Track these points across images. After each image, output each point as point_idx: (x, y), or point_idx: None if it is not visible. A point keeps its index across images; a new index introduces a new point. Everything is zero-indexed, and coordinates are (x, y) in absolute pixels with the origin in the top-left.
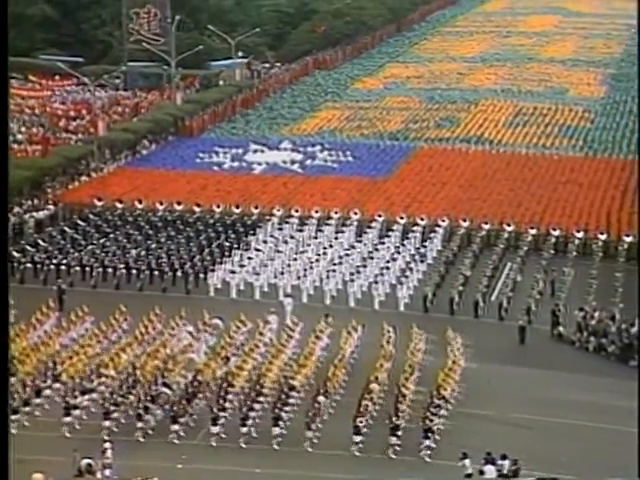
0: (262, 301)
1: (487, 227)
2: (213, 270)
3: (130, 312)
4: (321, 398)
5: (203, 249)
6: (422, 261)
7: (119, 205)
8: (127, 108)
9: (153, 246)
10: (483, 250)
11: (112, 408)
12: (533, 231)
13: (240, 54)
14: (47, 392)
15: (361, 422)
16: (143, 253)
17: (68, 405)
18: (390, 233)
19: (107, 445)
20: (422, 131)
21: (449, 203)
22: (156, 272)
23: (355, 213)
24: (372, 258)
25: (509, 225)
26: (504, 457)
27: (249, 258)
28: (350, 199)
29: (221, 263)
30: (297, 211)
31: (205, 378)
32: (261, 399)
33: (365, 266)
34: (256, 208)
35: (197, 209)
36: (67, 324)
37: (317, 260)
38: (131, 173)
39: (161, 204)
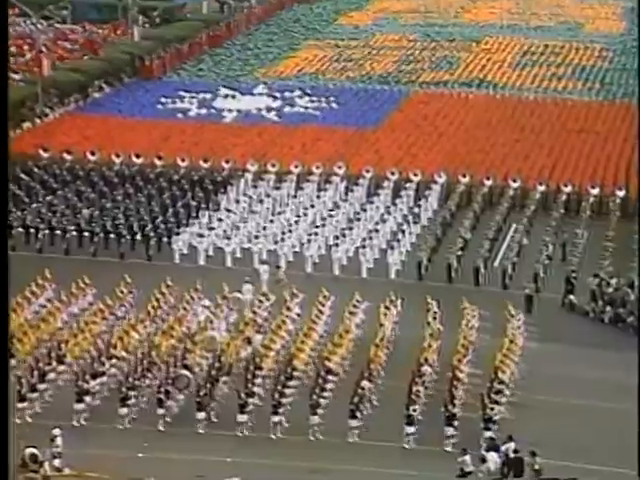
0: (234, 269)
1: (489, 183)
2: (178, 233)
3: (81, 281)
4: (365, 383)
5: (166, 209)
6: (416, 222)
7: (68, 157)
8: (76, 44)
9: (108, 205)
10: (485, 210)
11: (130, 393)
12: (542, 187)
13: None
14: (51, 375)
15: (414, 410)
16: (97, 213)
17: (81, 390)
18: (379, 191)
19: (56, 432)
20: (416, 74)
21: (446, 156)
22: (112, 235)
23: (340, 168)
24: (359, 219)
25: (514, 181)
26: (510, 438)
27: (219, 220)
28: (334, 152)
29: (187, 225)
30: (274, 166)
31: (229, 359)
32: (292, 383)
33: (351, 228)
34: (227, 162)
35: (159, 163)
36: (67, 297)
37: (297, 222)
38: (82, 120)
39: (117, 157)
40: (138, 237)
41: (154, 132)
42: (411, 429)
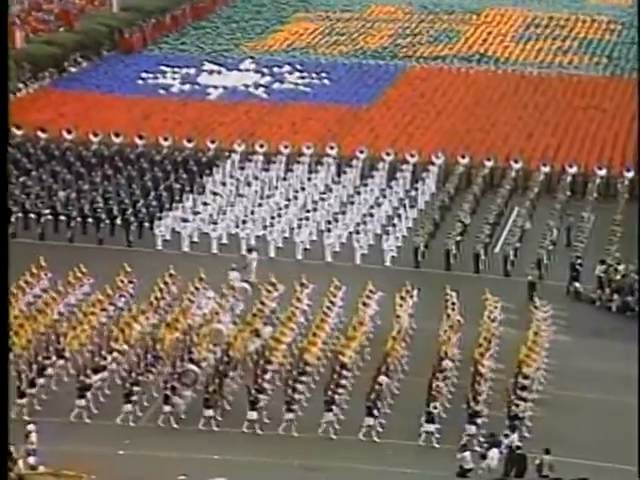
0: (220, 255)
1: (490, 164)
2: (160, 218)
3: (57, 268)
4: (383, 378)
5: (148, 192)
6: (412, 206)
7: (43, 135)
8: (51, 15)
9: (86, 187)
10: (485, 192)
11: (134, 389)
12: (546, 168)
13: None
14: (50, 370)
15: (435, 407)
16: (74, 196)
17: (83, 385)
18: (374, 173)
19: (31, 427)
20: (413, 48)
21: (445, 136)
22: (90, 220)
23: (332, 148)
24: (352, 203)
25: (517, 162)
26: (512, 430)
27: (204, 204)
28: (326, 131)
29: (170, 209)
30: (262, 146)
31: (237, 353)
32: (304, 379)
33: (344, 213)
34: (212, 142)
35: (140, 142)
36: (64, 287)
37: (287, 206)
38: (57, 96)
39: (95, 135)
40: (118, 222)
41: (134, 109)
42: (431, 427)
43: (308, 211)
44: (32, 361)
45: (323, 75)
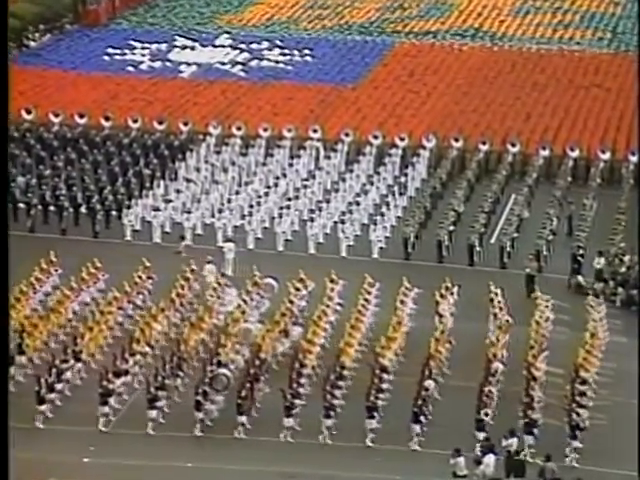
0: (195, 247)
1: (485, 148)
2: (129, 206)
3: (16, 260)
4: (430, 382)
5: (115, 178)
6: (402, 193)
7: None
8: None
9: (47, 173)
10: (480, 178)
11: (159, 394)
12: (545, 152)
13: None
14: (68, 374)
15: (486, 414)
16: (34, 182)
17: (106, 391)
18: (360, 157)
19: None
20: (402, 23)
21: (437, 117)
22: (52, 208)
23: (315, 131)
24: (337, 190)
25: (514, 145)
26: (512, 433)
27: (177, 191)
28: (309, 113)
29: (140, 197)
30: (239, 129)
31: (267, 355)
32: (341, 383)
33: (328, 201)
34: (185, 124)
35: (106, 124)
36: (78, 284)
37: (266, 194)
38: (16, 73)
39: (56, 116)
40: (83, 210)
41: (100, 88)
42: (481, 435)
43: (289, 199)
44: (51, 364)
45: (305, 52)
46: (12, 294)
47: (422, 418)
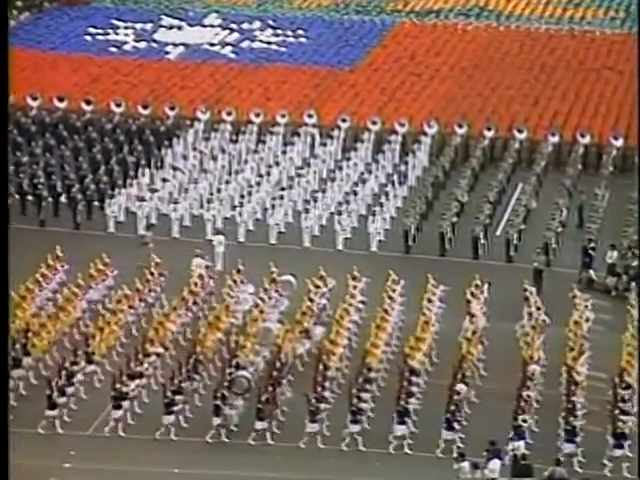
0: (182, 240)
1: (491, 134)
2: (112, 196)
3: None
4: (462, 386)
5: (98, 166)
6: (402, 183)
7: None
8: None
9: (25, 160)
10: (485, 166)
11: (176, 398)
12: (554, 139)
13: None
14: (79, 377)
15: (524, 420)
16: (11, 169)
17: (121, 394)
18: (358, 144)
19: None
20: (403, 1)
21: (439, 102)
22: (30, 197)
23: (310, 117)
24: (334, 180)
25: (521, 131)
26: (519, 436)
27: (163, 180)
28: (303, 97)
29: (124, 186)
30: (230, 114)
31: (287, 357)
32: (368, 386)
33: (324, 191)
34: (172, 109)
35: (88, 108)
36: (85, 281)
37: (258, 183)
38: None
39: (34, 100)
40: (63, 200)
41: (81, 70)
42: (521, 443)
43: (283, 189)
44: (61, 367)
45: (300, 32)
46: (16, 292)
47: (455, 424)
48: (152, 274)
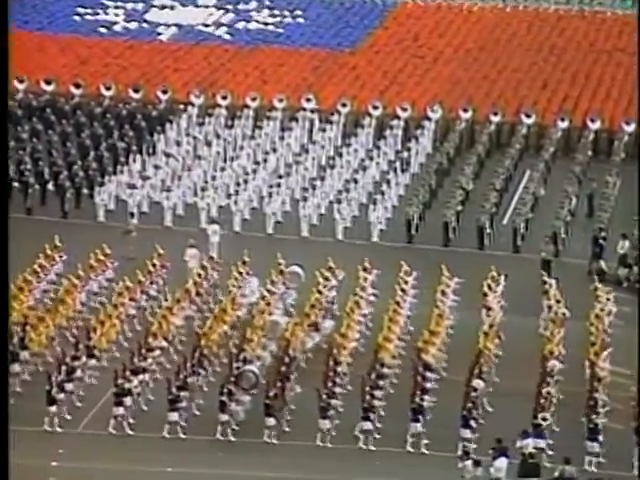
0: (175, 229)
1: (497, 119)
2: (102, 184)
3: None
4: (479, 382)
5: (87, 152)
6: (404, 170)
7: None
8: None
9: (11, 145)
10: (491, 152)
11: (181, 394)
12: (563, 124)
13: None
14: (79, 372)
15: (544, 419)
16: None
17: (123, 391)
18: (359, 130)
19: None
20: None
21: (443, 85)
22: (16, 184)
23: (308, 101)
24: (333, 167)
25: (528, 116)
26: (527, 434)
27: (155, 167)
28: (301, 81)
29: (114, 173)
30: (225, 98)
31: (296, 351)
32: (381, 382)
33: (323, 178)
34: (164, 93)
35: (76, 92)
36: (85, 272)
37: (254, 170)
38: None
39: (21, 82)
40: (50, 188)
41: (69, 52)
42: (542, 443)
43: (280, 176)
44: (60, 361)
45: (298, 13)
46: (14, 283)
47: (472, 422)
48: (154, 265)
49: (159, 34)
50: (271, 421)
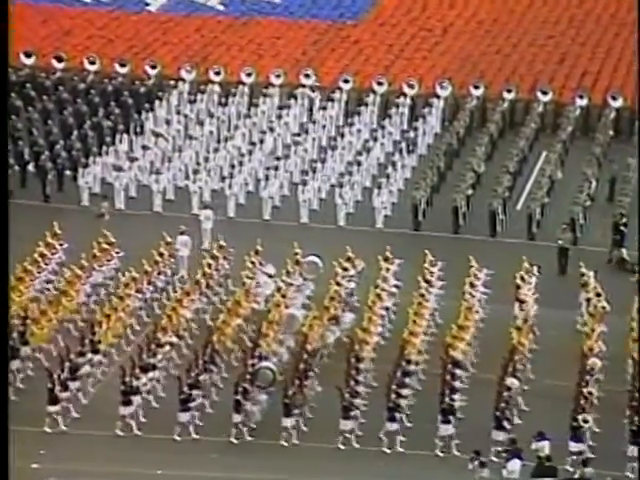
0: (165, 215)
1: (511, 97)
2: (86, 165)
3: None
4: (513, 381)
5: (70, 131)
6: (411, 151)
7: None
8: None
9: None
10: (504, 132)
11: (193, 393)
12: (582, 101)
13: None
14: (85, 369)
15: (585, 420)
16: None
17: (131, 389)
18: (362, 108)
19: None
20: None
21: (453, 60)
22: None
23: (308, 77)
24: (334, 148)
25: (545, 93)
26: (541, 435)
27: (144, 148)
28: (300, 55)
29: (99, 154)
30: (218, 74)
31: (315, 346)
32: (408, 380)
33: (324, 161)
34: (153, 68)
35: (58, 66)
36: (89, 262)
37: (250, 152)
38: None
39: None
40: (31, 169)
41: (52, 23)
42: (581, 446)
43: (278, 158)
44: (64, 358)
45: None
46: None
47: (506, 424)
48: (161, 255)
49: (147, 4)
50: (289, 422)
